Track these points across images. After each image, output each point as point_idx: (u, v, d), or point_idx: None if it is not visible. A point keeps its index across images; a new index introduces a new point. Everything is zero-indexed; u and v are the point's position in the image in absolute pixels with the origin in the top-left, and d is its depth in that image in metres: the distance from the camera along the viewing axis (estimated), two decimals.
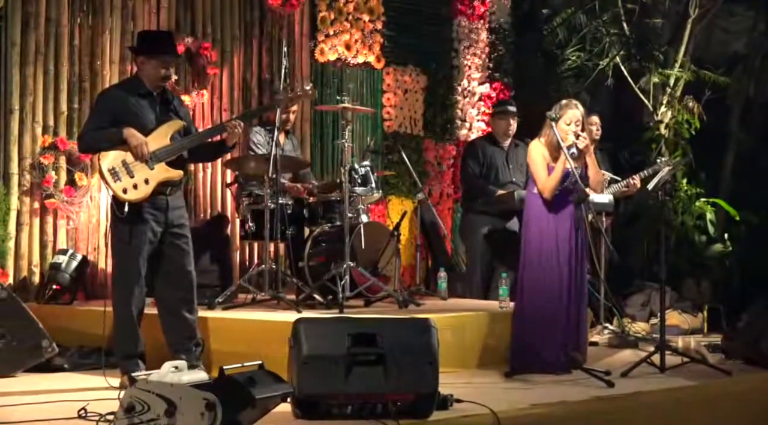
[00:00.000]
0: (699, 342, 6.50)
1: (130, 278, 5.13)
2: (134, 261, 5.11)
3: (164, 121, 5.23)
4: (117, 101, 5.21)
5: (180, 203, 5.33)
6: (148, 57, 5.21)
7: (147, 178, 5.09)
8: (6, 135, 6.75)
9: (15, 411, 4.41)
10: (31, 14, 6.84)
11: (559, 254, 5.64)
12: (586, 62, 9.82)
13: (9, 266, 6.71)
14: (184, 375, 3.92)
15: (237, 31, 7.96)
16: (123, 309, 5.17)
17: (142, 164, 5.09)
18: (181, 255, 5.24)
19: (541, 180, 5.68)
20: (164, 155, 5.15)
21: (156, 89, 5.25)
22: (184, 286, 5.26)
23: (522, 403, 4.61)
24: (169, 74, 5.26)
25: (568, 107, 5.70)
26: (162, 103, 5.28)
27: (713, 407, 5.33)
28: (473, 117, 9.32)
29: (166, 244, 5.21)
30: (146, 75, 5.23)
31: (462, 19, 9.32)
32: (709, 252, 9.14)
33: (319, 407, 4.14)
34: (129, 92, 5.24)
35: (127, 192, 5.06)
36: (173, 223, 5.23)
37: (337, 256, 6.26)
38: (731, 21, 10.26)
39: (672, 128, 9.42)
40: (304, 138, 8.19)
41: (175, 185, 5.25)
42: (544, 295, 5.61)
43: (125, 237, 5.10)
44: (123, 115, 5.14)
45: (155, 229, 5.16)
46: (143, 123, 5.15)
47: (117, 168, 5.07)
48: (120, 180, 5.06)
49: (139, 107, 5.18)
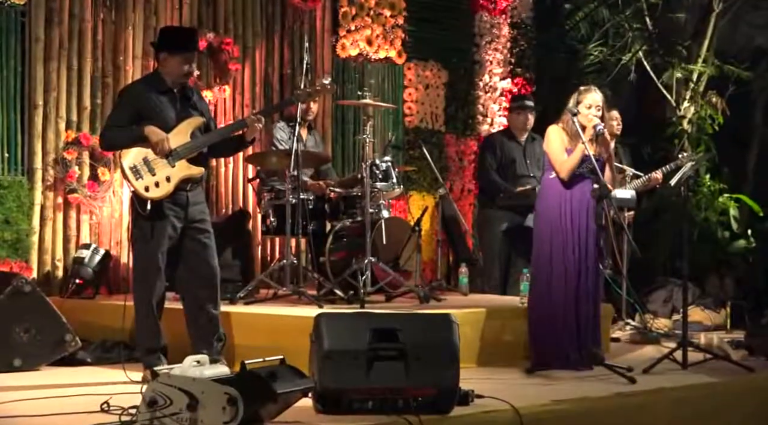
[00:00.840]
0: (722, 339, 6.47)
1: (150, 274, 5.15)
2: (154, 257, 5.13)
3: (184, 118, 5.24)
4: (138, 97, 5.23)
5: (200, 198, 5.35)
6: (171, 53, 5.22)
7: (168, 175, 5.11)
8: (30, 130, 6.80)
9: (38, 405, 4.44)
10: (55, 10, 6.88)
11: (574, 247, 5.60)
12: (609, 57, 9.77)
13: (33, 261, 6.75)
14: (206, 369, 3.94)
15: (258, 26, 7.97)
16: (144, 304, 5.19)
17: (163, 162, 5.11)
18: (203, 250, 5.26)
19: (558, 160, 5.63)
20: (185, 152, 5.17)
21: (177, 86, 5.27)
22: (208, 281, 5.28)
23: (543, 399, 4.59)
24: (191, 70, 5.27)
25: (588, 91, 5.67)
26: (182, 99, 5.29)
27: (736, 404, 5.30)
28: (494, 112, 9.30)
29: (187, 239, 5.23)
30: (168, 71, 5.25)
31: (484, 14, 9.29)
32: (732, 248, 9.09)
33: (340, 402, 4.14)
34: (150, 89, 5.26)
35: (149, 190, 5.08)
36: (194, 218, 5.25)
37: (359, 251, 6.26)
38: (755, 15, 10.18)
39: (695, 124, 9.37)
40: (326, 134, 8.20)
41: (195, 182, 5.27)
42: (559, 289, 5.58)
43: (147, 233, 5.13)
44: (144, 111, 5.16)
45: (176, 225, 5.18)
46: (164, 120, 5.17)
47: (138, 166, 5.09)
48: (142, 178, 5.08)
49: (160, 103, 5.20)
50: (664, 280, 8.58)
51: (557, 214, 5.63)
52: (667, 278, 8.62)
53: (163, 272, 5.19)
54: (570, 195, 5.64)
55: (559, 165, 5.63)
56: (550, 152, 5.70)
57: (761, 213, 9.13)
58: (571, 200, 5.63)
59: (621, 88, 9.96)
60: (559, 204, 5.64)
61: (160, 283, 5.19)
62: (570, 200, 5.64)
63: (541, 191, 5.84)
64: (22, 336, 5.56)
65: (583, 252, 5.61)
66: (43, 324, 5.62)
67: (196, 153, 5.23)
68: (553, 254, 5.61)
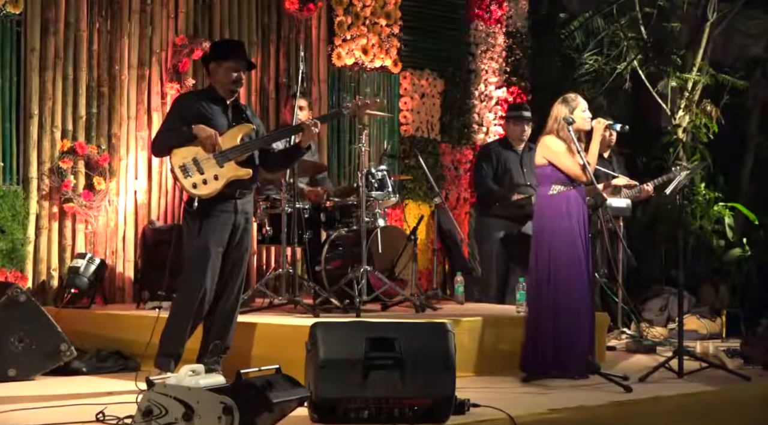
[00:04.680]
0: (717, 347, 6.47)
1: (198, 279, 5.08)
2: (203, 253, 5.09)
3: (236, 125, 5.28)
4: (190, 105, 5.29)
5: (249, 208, 5.37)
6: (218, 62, 5.28)
7: (217, 174, 5.13)
8: (25, 139, 6.80)
9: (33, 415, 4.43)
10: (50, 19, 6.88)
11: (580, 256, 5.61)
12: (604, 66, 9.79)
13: (28, 270, 6.75)
14: (202, 378, 3.93)
15: (254, 35, 7.98)
16: (183, 304, 5.14)
17: (212, 161, 5.13)
18: (240, 262, 5.28)
19: (572, 166, 5.61)
20: (233, 154, 5.19)
21: (229, 96, 5.31)
22: (236, 293, 5.29)
23: (540, 408, 4.59)
24: (240, 79, 5.31)
25: (577, 97, 5.72)
26: (234, 109, 5.34)
27: (732, 412, 5.29)
28: (490, 121, 9.31)
29: (230, 248, 5.23)
30: (218, 81, 5.30)
31: (479, 23, 9.30)
32: (727, 257, 9.09)
33: (336, 411, 4.14)
34: (202, 97, 5.34)
35: (197, 187, 5.10)
36: (239, 227, 5.25)
37: (354, 260, 6.26)
38: (750, 24, 10.20)
39: (690, 132, 9.38)
40: (321, 142, 8.20)
41: (245, 188, 5.27)
42: (566, 299, 5.58)
43: (194, 230, 5.12)
44: (195, 118, 5.20)
45: (226, 226, 5.18)
46: (215, 126, 5.20)
47: (187, 165, 5.12)
48: (190, 176, 5.11)
49: (212, 111, 5.26)
50: (660, 289, 8.59)
51: (560, 229, 5.63)
52: (663, 287, 8.63)
53: (213, 278, 5.12)
54: (571, 208, 5.64)
55: (575, 170, 5.61)
56: (558, 162, 5.63)
57: (756, 222, 9.14)
58: (573, 211, 5.64)
59: (616, 97, 9.98)
60: (561, 219, 5.64)
61: (210, 283, 5.10)
62: (572, 212, 5.64)
63: (539, 207, 5.81)
64: (17, 345, 5.54)
65: (582, 262, 5.61)
66: (38, 334, 5.61)
67: (245, 157, 5.24)
68: (552, 266, 5.61)
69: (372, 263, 6.30)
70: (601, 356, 6.15)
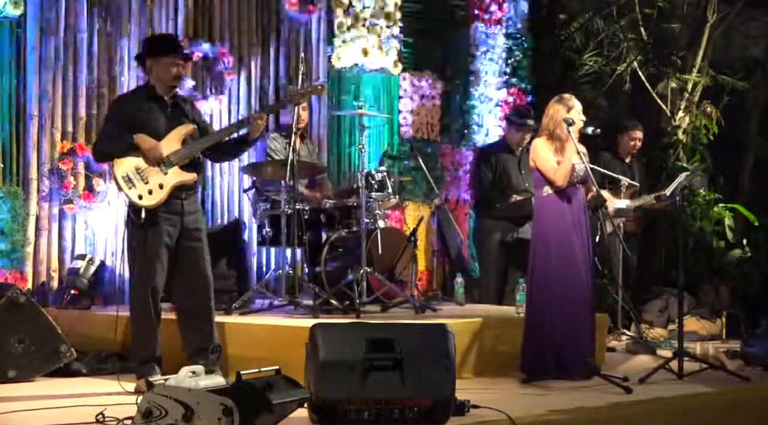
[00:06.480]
0: (717, 348, 6.46)
1: (147, 284, 5.14)
2: (152, 266, 5.12)
3: (175, 125, 5.24)
4: (127, 107, 5.26)
5: (195, 207, 5.34)
6: (156, 58, 5.23)
7: (161, 183, 5.11)
8: (25, 141, 6.80)
9: (33, 416, 4.43)
10: (50, 21, 6.88)
11: (578, 257, 5.61)
12: (604, 67, 9.78)
13: (28, 271, 6.74)
14: (202, 379, 3.93)
15: (254, 36, 7.98)
16: (141, 314, 5.18)
17: (155, 170, 5.11)
18: (197, 260, 5.26)
19: (552, 169, 5.62)
20: (177, 159, 5.17)
21: (167, 93, 5.26)
22: (202, 291, 5.26)
23: (539, 409, 4.59)
24: (179, 73, 5.27)
25: (572, 98, 5.72)
26: (173, 107, 5.29)
27: (732, 414, 5.29)
28: (490, 122, 9.30)
29: (182, 248, 5.23)
30: (158, 79, 5.25)
31: (479, 24, 9.30)
32: (727, 258, 9.08)
33: (335, 412, 4.14)
34: (139, 98, 5.29)
35: (143, 198, 5.08)
36: (189, 227, 5.24)
37: (354, 261, 6.26)
38: (750, 26, 10.20)
39: (690, 133, 9.38)
40: (321, 144, 8.21)
41: (190, 189, 5.26)
42: (565, 299, 5.58)
43: (142, 242, 5.12)
44: (134, 120, 5.17)
45: (171, 233, 5.18)
46: (154, 128, 5.17)
47: (131, 175, 5.09)
48: (135, 186, 5.08)
49: (150, 111, 5.21)
50: (660, 290, 8.59)
51: (556, 229, 5.62)
52: (663, 288, 8.62)
53: (161, 282, 5.18)
54: (566, 208, 5.64)
55: (553, 173, 5.62)
56: (541, 164, 5.67)
57: (756, 223, 9.14)
58: (568, 212, 5.63)
59: (616, 99, 9.98)
60: (556, 219, 5.63)
61: (157, 293, 5.17)
62: (566, 212, 5.63)
63: (536, 209, 5.81)
64: (16, 346, 5.55)
65: (580, 263, 5.61)
66: (37, 335, 5.61)
67: (188, 160, 5.22)
68: (552, 268, 5.61)
69: (372, 264, 6.30)
70: (601, 357, 6.15)
